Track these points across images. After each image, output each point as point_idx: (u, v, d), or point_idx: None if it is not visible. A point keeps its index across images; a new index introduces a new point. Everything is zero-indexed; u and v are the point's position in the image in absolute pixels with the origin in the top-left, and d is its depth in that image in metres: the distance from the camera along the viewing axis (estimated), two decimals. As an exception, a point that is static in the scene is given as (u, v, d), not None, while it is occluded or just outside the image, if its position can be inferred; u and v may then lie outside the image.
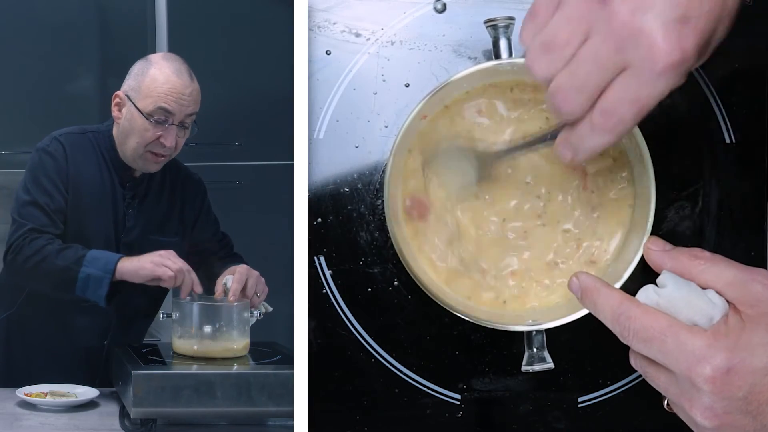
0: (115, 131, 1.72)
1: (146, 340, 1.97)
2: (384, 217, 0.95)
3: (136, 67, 1.71)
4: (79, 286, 1.61)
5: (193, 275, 1.62)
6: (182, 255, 1.68)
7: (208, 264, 1.76)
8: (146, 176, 1.75)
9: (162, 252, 1.62)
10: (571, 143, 0.85)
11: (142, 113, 1.66)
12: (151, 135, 1.66)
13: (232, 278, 1.64)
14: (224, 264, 1.73)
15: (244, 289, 1.64)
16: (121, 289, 1.63)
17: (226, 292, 1.63)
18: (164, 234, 1.75)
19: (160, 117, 1.66)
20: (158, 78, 1.67)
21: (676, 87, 0.79)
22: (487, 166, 0.95)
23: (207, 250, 1.79)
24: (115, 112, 1.71)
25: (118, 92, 1.70)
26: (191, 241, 1.79)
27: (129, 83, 1.70)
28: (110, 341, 1.76)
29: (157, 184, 1.76)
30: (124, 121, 1.69)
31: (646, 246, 0.90)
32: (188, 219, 1.80)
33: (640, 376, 0.99)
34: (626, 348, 0.99)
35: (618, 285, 0.93)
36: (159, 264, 1.59)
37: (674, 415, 0.99)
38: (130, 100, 1.68)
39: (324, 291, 0.99)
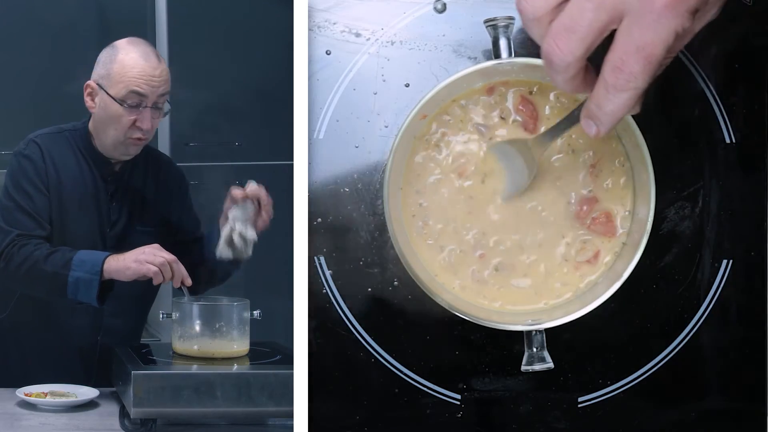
0: (91, 125, 1.73)
1: (146, 340, 1.97)
2: (384, 217, 0.95)
3: (104, 55, 1.72)
4: (70, 290, 1.61)
5: (181, 267, 1.61)
6: (169, 246, 1.68)
7: (191, 256, 1.75)
8: (127, 169, 1.75)
9: (146, 248, 1.61)
10: (591, 113, 0.83)
11: (115, 99, 1.66)
12: (127, 120, 1.67)
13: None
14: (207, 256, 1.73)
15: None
16: (113, 287, 1.63)
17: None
18: (150, 225, 1.75)
19: (133, 101, 1.66)
20: (127, 63, 1.67)
21: (683, 31, 0.77)
22: (535, 158, 0.94)
23: (189, 241, 1.78)
24: (88, 102, 1.71)
25: (89, 82, 1.71)
26: (177, 230, 1.79)
27: (98, 71, 1.71)
28: (102, 338, 1.76)
29: (139, 175, 1.77)
30: (98, 110, 1.70)
31: None
32: (175, 208, 1.80)
33: (639, 376, 1.00)
34: (626, 349, 1.00)
35: (618, 285, 0.93)
36: (143, 262, 1.59)
37: (673, 415, 1.00)
38: (102, 89, 1.68)
39: (324, 291, 0.99)
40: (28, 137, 1.74)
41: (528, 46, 0.97)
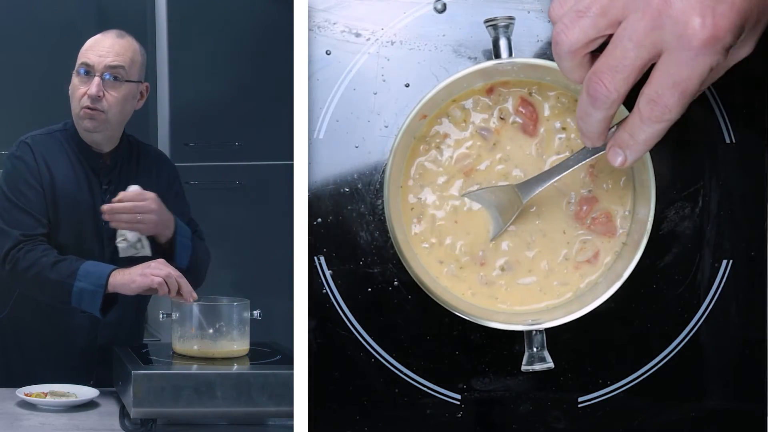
0: None
1: (146, 340, 1.97)
2: (384, 217, 0.95)
3: None
4: (74, 300, 1.63)
5: (186, 282, 1.62)
6: (166, 244, 1.69)
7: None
8: (118, 161, 1.78)
9: (151, 263, 1.64)
10: (622, 141, 0.85)
11: (73, 73, 1.74)
12: (80, 92, 1.73)
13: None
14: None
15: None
16: (117, 299, 1.65)
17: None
18: None
19: (81, 69, 1.73)
20: (87, 42, 1.76)
21: (717, 66, 0.79)
22: (522, 202, 0.94)
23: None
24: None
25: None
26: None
27: None
28: (101, 336, 1.77)
29: (130, 167, 1.79)
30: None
31: None
32: (165, 197, 1.81)
33: (640, 376, 1.00)
34: (626, 349, 1.00)
35: (618, 284, 0.93)
36: (147, 275, 1.61)
37: (673, 415, 0.99)
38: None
39: (324, 291, 0.99)
40: (19, 139, 1.79)
41: (527, 45, 0.97)
